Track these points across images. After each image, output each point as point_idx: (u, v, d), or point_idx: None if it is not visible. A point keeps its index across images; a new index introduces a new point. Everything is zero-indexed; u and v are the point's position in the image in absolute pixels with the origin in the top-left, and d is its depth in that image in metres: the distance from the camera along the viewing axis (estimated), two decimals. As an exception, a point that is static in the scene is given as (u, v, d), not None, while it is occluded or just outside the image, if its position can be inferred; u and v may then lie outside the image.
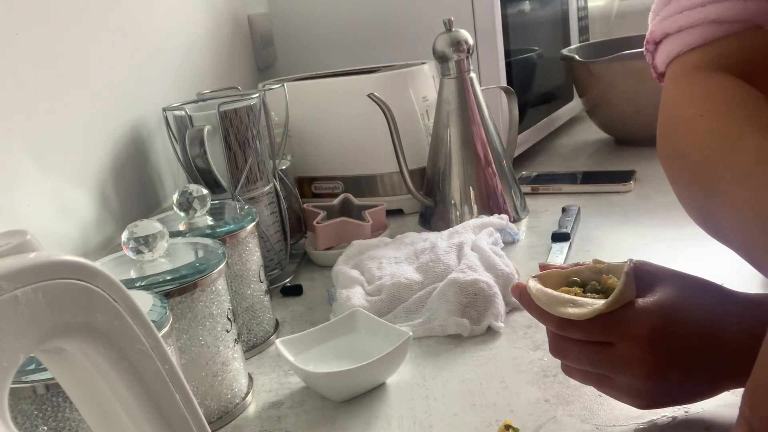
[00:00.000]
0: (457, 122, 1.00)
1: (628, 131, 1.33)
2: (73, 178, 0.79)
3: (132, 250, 0.60)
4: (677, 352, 0.45)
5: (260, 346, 0.75)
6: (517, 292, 0.52)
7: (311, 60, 1.32)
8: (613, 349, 0.46)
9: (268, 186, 0.90)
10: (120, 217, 0.86)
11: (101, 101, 0.86)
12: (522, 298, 0.51)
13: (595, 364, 0.48)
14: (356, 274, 0.81)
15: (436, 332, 0.71)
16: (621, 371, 0.47)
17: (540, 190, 1.13)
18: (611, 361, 0.47)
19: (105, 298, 0.30)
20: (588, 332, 0.47)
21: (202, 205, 0.72)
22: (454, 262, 0.79)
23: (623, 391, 0.49)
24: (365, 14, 1.26)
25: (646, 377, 0.46)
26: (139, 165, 0.93)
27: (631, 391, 0.48)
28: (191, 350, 0.60)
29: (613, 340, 0.46)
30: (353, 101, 1.08)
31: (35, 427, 0.45)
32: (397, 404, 0.60)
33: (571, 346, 0.49)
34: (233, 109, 0.84)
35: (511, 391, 0.59)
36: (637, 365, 0.46)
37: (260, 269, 0.75)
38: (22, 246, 0.28)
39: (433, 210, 1.03)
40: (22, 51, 0.72)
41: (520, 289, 0.52)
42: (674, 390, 0.48)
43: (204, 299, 0.60)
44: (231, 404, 0.63)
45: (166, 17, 1.05)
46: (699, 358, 0.46)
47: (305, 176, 1.16)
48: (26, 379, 0.44)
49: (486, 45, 1.16)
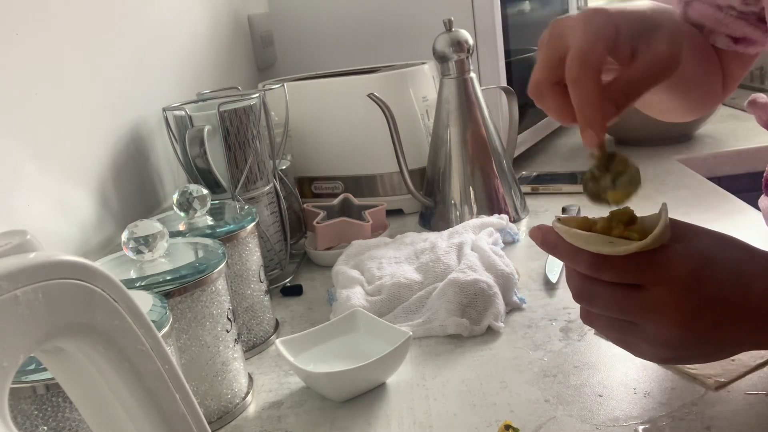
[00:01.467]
0: (457, 122, 1.00)
1: (628, 131, 1.33)
2: (73, 178, 0.79)
3: (132, 250, 0.60)
4: (708, 300, 0.45)
5: (260, 346, 0.75)
6: (539, 234, 0.49)
7: (311, 60, 1.32)
8: (645, 293, 0.46)
9: (268, 186, 0.90)
10: (120, 217, 0.86)
11: (101, 101, 0.86)
12: (546, 239, 0.49)
13: (624, 310, 0.47)
14: (356, 274, 0.81)
15: (436, 332, 0.71)
16: (650, 317, 0.46)
17: (540, 190, 1.13)
18: (642, 306, 0.46)
19: (105, 298, 0.30)
20: (623, 272, 0.46)
21: (202, 205, 0.72)
22: (454, 262, 0.79)
23: (648, 340, 0.47)
24: (365, 14, 1.26)
25: (676, 323, 0.45)
26: (139, 165, 0.93)
27: (656, 340, 0.47)
28: (191, 350, 0.60)
29: (646, 282, 0.45)
30: (353, 101, 1.08)
31: (35, 427, 0.45)
32: (397, 404, 0.60)
33: (600, 289, 0.47)
34: (233, 109, 0.84)
35: (511, 391, 0.59)
36: (669, 310, 0.45)
37: (260, 269, 0.75)
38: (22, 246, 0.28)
39: (433, 210, 1.03)
40: (22, 51, 0.72)
41: (543, 231, 0.49)
42: (699, 342, 0.47)
43: (204, 299, 0.60)
44: (231, 404, 0.63)
45: (166, 17, 1.05)
46: (727, 310, 0.46)
47: (305, 176, 1.16)
48: (26, 379, 0.44)
49: (486, 45, 1.16)
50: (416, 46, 1.18)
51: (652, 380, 0.58)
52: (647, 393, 0.56)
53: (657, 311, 0.45)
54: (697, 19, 0.73)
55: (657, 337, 0.46)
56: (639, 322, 0.47)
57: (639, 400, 0.55)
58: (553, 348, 0.65)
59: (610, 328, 0.49)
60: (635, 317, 0.47)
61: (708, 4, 0.72)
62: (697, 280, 0.45)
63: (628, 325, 0.48)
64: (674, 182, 1.11)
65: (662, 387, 0.57)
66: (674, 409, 0.53)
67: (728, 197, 1.01)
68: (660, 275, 0.45)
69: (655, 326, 0.46)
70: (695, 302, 0.45)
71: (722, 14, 0.71)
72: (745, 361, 0.58)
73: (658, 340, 0.47)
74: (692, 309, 0.45)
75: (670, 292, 0.45)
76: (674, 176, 1.14)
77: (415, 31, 1.22)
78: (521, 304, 0.74)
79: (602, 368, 0.61)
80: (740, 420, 0.51)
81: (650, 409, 0.54)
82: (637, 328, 0.47)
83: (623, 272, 0.46)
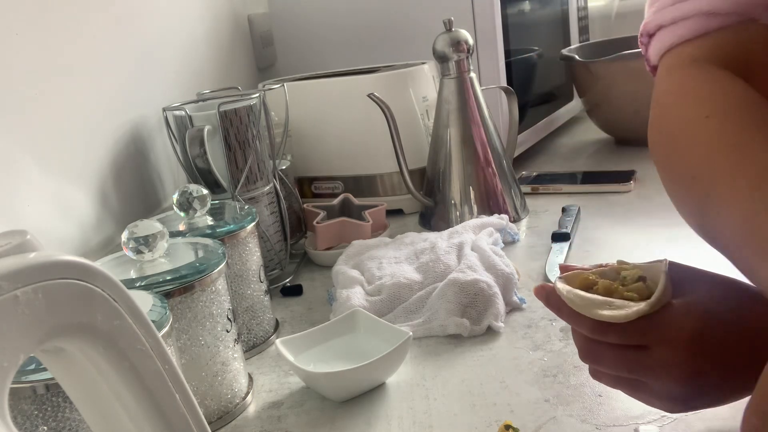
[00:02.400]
0: (457, 122, 1.00)
1: (628, 131, 1.33)
2: (73, 178, 0.79)
3: (132, 250, 0.60)
4: (714, 354, 0.45)
5: (260, 346, 0.75)
6: (543, 295, 0.49)
7: (311, 60, 1.32)
8: (650, 352, 0.45)
9: (268, 186, 0.90)
10: (120, 217, 0.86)
11: (101, 101, 0.86)
12: (550, 300, 0.49)
13: (631, 370, 0.47)
14: (356, 274, 0.81)
15: (436, 332, 0.71)
16: (657, 375, 0.46)
17: (540, 190, 1.13)
18: (648, 365, 0.46)
19: (105, 298, 0.30)
20: (626, 335, 0.46)
21: (202, 205, 0.72)
22: (454, 262, 0.79)
23: (658, 396, 0.47)
24: (365, 14, 1.26)
25: (684, 381, 0.45)
26: (139, 165, 0.93)
27: (666, 395, 0.47)
28: (191, 350, 0.60)
29: (650, 343, 0.45)
30: (353, 101, 1.08)
31: (35, 427, 0.45)
32: (397, 404, 0.60)
33: (605, 350, 0.47)
34: (233, 109, 0.84)
35: (511, 391, 0.59)
36: (675, 369, 0.45)
37: (260, 269, 0.75)
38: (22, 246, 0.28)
39: (433, 210, 1.03)
40: (22, 51, 0.72)
41: (547, 291, 0.49)
42: (709, 392, 0.47)
43: (204, 299, 0.60)
44: (231, 404, 0.63)
45: (166, 17, 1.05)
46: (734, 359, 0.45)
47: (305, 176, 1.16)
48: (26, 379, 0.44)
49: (486, 45, 1.16)
50: (416, 46, 1.18)
51: (652, 380, 0.58)
52: (647, 393, 0.56)
53: (664, 369, 0.45)
54: None
55: (666, 392, 0.47)
56: (646, 380, 0.47)
57: (639, 400, 0.55)
58: (553, 348, 0.65)
59: (619, 385, 0.50)
60: (643, 376, 0.47)
61: None
62: (701, 336, 0.44)
63: (635, 382, 0.48)
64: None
65: (662, 387, 0.57)
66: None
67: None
68: (664, 336, 0.45)
69: (662, 384, 0.46)
70: (701, 358, 0.45)
71: None
72: (745, 361, 0.58)
73: (668, 396, 0.47)
74: (698, 365, 0.45)
75: (676, 352, 0.44)
76: (674, 176, 1.14)
77: (415, 31, 1.22)
78: (521, 304, 0.74)
79: (602, 368, 0.61)
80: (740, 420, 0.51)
81: (650, 409, 0.54)
82: (646, 385, 0.47)
83: (626, 336, 0.46)
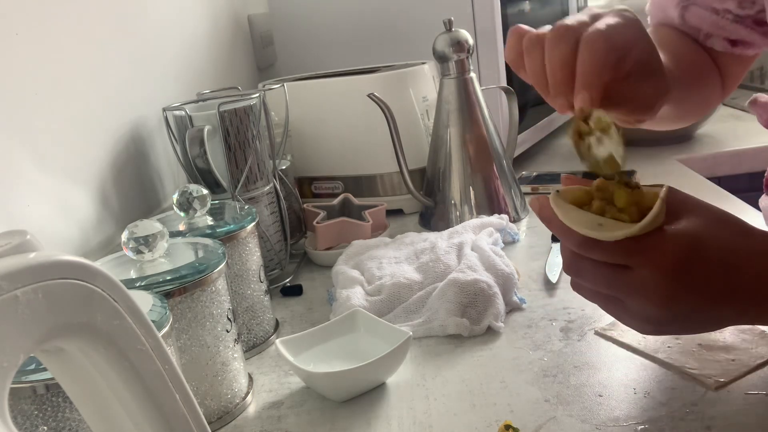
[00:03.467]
0: (457, 122, 1.00)
1: (628, 131, 1.32)
2: (73, 178, 0.79)
3: (132, 250, 0.60)
4: (695, 284, 0.46)
5: (260, 346, 0.75)
6: (537, 206, 0.50)
7: (311, 60, 1.32)
8: (631, 273, 0.46)
9: (268, 186, 0.90)
10: (120, 217, 0.86)
11: (101, 101, 0.86)
12: (542, 213, 0.50)
13: (610, 287, 0.48)
14: (356, 274, 0.81)
15: (436, 332, 0.71)
16: (635, 296, 0.47)
17: (540, 190, 1.13)
18: (627, 285, 0.47)
19: (105, 298, 0.30)
20: (611, 254, 0.47)
21: (202, 205, 0.72)
22: (454, 262, 0.79)
23: (632, 315, 0.49)
24: (365, 14, 1.26)
25: (659, 304, 0.46)
26: (139, 165, 0.93)
27: (640, 316, 0.48)
28: (191, 350, 0.60)
29: (634, 264, 0.46)
30: (353, 101, 1.08)
31: (35, 427, 0.45)
32: (397, 404, 0.60)
33: (588, 266, 0.49)
34: (233, 109, 0.84)
35: (511, 391, 0.59)
36: (653, 292, 0.46)
37: (260, 269, 0.75)
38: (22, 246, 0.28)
39: (433, 210, 1.03)
40: (22, 51, 0.72)
41: (540, 203, 0.50)
42: (682, 320, 0.48)
43: (204, 299, 0.60)
44: (231, 404, 0.63)
45: (166, 17, 1.05)
46: (717, 291, 0.46)
47: (305, 176, 1.16)
48: (26, 379, 0.44)
49: (486, 45, 1.16)
50: (416, 46, 1.18)
51: (652, 380, 0.58)
52: (647, 393, 0.56)
53: (641, 292, 0.47)
54: (695, 23, 0.74)
55: (639, 314, 0.48)
56: (623, 299, 0.48)
57: (639, 400, 0.55)
58: (553, 348, 0.65)
59: (597, 300, 0.51)
60: (619, 294, 0.48)
61: (705, 9, 0.72)
62: (684, 266, 0.45)
63: (613, 299, 0.49)
64: (674, 182, 1.10)
65: (662, 387, 0.57)
66: (674, 409, 0.53)
67: (728, 197, 1.01)
68: (647, 259, 0.46)
69: (638, 304, 0.47)
70: (680, 287, 0.46)
71: (719, 18, 0.72)
72: (745, 361, 0.58)
73: (640, 317, 0.49)
74: (675, 293, 0.46)
75: (655, 276, 0.46)
76: (674, 176, 1.14)
77: (415, 31, 1.22)
78: (521, 304, 0.74)
79: (602, 368, 0.61)
80: (740, 420, 0.51)
81: (650, 409, 0.54)
82: (622, 303, 0.49)
83: (610, 254, 0.47)
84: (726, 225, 0.48)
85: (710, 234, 0.47)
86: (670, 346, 0.62)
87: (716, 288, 0.46)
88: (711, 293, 0.46)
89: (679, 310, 0.47)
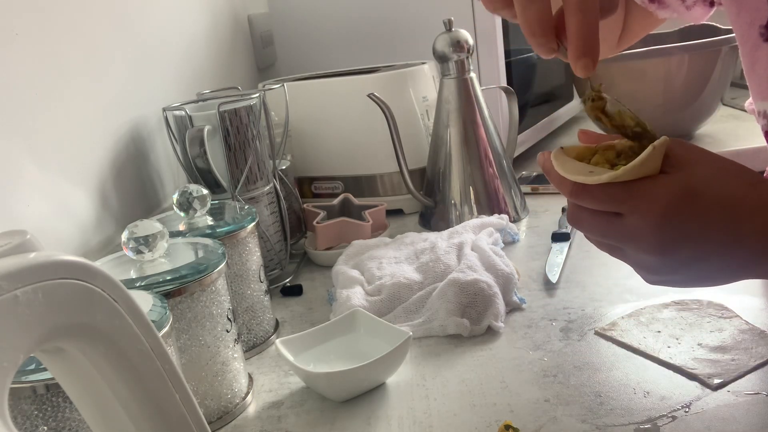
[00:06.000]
0: (457, 122, 1.00)
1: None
2: (73, 178, 0.79)
3: (132, 250, 0.60)
4: (691, 232, 0.45)
5: (260, 346, 0.75)
6: (541, 160, 0.52)
7: (311, 60, 1.32)
8: (623, 220, 0.46)
9: (268, 186, 0.90)
10: (120, 217, 0.86)
11: (101, 101, 0.86)
12: (544, 165, 0.51)
13: (605, 235, 0.49)
14: (356, 274, 0.81)
15: (436, 332, 0.71)
16: (630, 244, 0.47)
17: (540, 190, 1.13)
18: (620, 232, 0.47)
19: (105, 298, 0.30)
20: (598, 201, 0.47)
21: (202, 205, 0.72)
22: (454, 262, 0.79)
23: (633, 263, 0.49)
24: (365, 14, 1.26)
25: (653, 252, 0.46)
26: (139, 165, 0.93)
27: (639, 264, 0.49)
28: (191, 350, 0.60)
29: (623, 211, 0.46)
30: (353, 101, 1.08)
31: (35, 427, 0.45)
32: (397, 404, 0.60)
33: (585, 215, 0.49)
34: (233, 109, 0.84)
35: (511, 391, 0.59)
36: (644, 240, 0.46)
37: (260, 269, 0.75)
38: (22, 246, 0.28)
39: (433, 210, 1.03)
40: (22, 51, 0.72)
41: (545, 157, 0.51)
42: (679, 270, 0.47)
43: (204, 299, 0.60)
44: (231, 404, 0.63)
45: (165, 17, 1.05)
46: (717, 240, 0.45)
47: (305, 176, 1.16)
48: (26, 379, 0.44)
49: (486, 45, 1.16)
50: (416, 46, 1.18)
51: (652, 380, 0.58)
52: (647, 393, 0.56)
53: (633, 239, 0.47)
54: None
55: (638, 261, 0.48)
56: (622, 247, 0.49)
57: (639, 400, 0.55)
58: (553, 348, 0.65)
59: (602, 248, 0.52)
60: (616, 242, 0.49)
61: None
62: (675, 213, 0.45)
63: (614, 247, 0.50)
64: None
65: (662, 387, 0.57)
66: (674, 409, 0.53)
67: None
68: (637, 205, 0.46)
69: (634, 252, 0.48)
70: (670, 234, 0.45)
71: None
72: (744, 361, 0.58)
73: (639, 265, 0.49)
74: (667, 241, 0.45)
75: (645, 223, 0.45)
76: (674, 176, 1.14)
77: (415, 31, 1.22)
78: (521, 304, 0.74)
79: (602, 368, 0.61)
80: (740, 420, 0.51)
81: (650, 409, 0.54)
82: (622, 250, 0.49)
83: (600, 201, 0.47)
84: (731, 174, 0.47)
85: (709, 183, 0.45)
86: (670, 346, 0.62)
87: (716, 237, 0.45)
88: (710, 242, 0.45)
89: (676, 259, 0.46)
